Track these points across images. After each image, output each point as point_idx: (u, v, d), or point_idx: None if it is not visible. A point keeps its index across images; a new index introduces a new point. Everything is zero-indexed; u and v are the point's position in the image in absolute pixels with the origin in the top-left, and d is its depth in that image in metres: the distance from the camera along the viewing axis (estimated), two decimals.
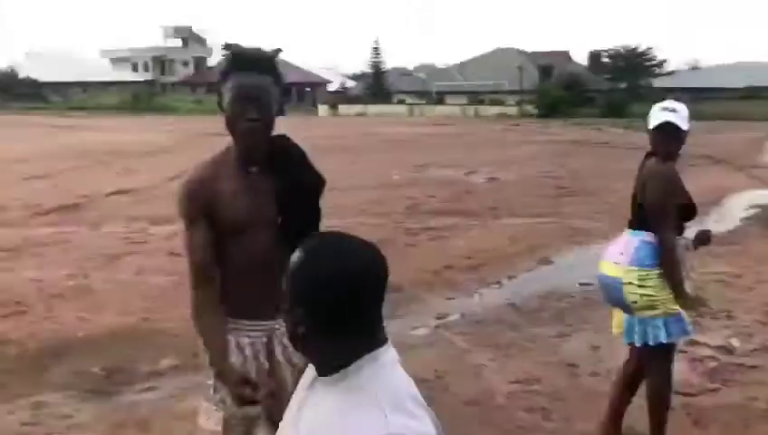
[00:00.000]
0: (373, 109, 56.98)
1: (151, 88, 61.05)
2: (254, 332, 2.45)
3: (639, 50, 61.53)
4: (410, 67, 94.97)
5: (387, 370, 1.44)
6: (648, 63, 61.98)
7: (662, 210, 3.42)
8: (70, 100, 56.48)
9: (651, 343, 3.46)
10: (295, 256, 1.45)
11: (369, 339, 1.45)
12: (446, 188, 13.83)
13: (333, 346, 1.43)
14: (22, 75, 58.21)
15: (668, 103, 3.55)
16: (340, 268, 1.40)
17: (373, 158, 19.57)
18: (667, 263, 3.40)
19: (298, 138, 2.60)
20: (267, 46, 2.53)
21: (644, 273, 3.41)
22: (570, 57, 67.17)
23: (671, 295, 3.42)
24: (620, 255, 3.52)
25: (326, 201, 2.53)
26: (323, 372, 1.46)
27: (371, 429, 1.36)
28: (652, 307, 3.43)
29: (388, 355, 1.46)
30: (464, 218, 10.77)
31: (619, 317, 3.66)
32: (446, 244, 9.15)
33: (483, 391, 4.68)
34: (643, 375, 3.70)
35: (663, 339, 3.44)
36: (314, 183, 2.52)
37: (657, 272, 3.41)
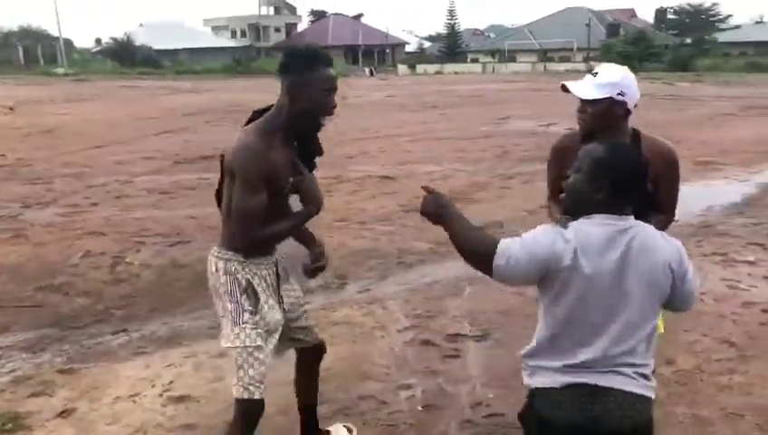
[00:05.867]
0: (449, 67, 56.33)
1: (248, 53, 61.73)
2: (266, 265, 2.72)
3: (705, 5, 58.45)
4: (482, 27, 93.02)
5: (603, 227, 2.01)
6: (713, 18, 58.89)
7: None
8: (180, 65, 57.98)
9: None
10: (599, 150, 2.05)
11: (620, 208, 2.04)
12: (529, 138, 13.85)
13: (607, 206, 2.02)
14: (137, 44, 59.62)
15: None
16: (637, 160, 2.07)
17: (459, 112, 19.60)
18: None
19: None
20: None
21: None
22: (635, 14, 64.41)
23: None
24: None
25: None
26: (578, 216, 2.06)
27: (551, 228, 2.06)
28: None
29: (620, 220, 2.03)
30: None
31: None
32: (538, 187, 9.26)
33: None
34: None
35: None
36: (320, 153, 2.84)
37: None
